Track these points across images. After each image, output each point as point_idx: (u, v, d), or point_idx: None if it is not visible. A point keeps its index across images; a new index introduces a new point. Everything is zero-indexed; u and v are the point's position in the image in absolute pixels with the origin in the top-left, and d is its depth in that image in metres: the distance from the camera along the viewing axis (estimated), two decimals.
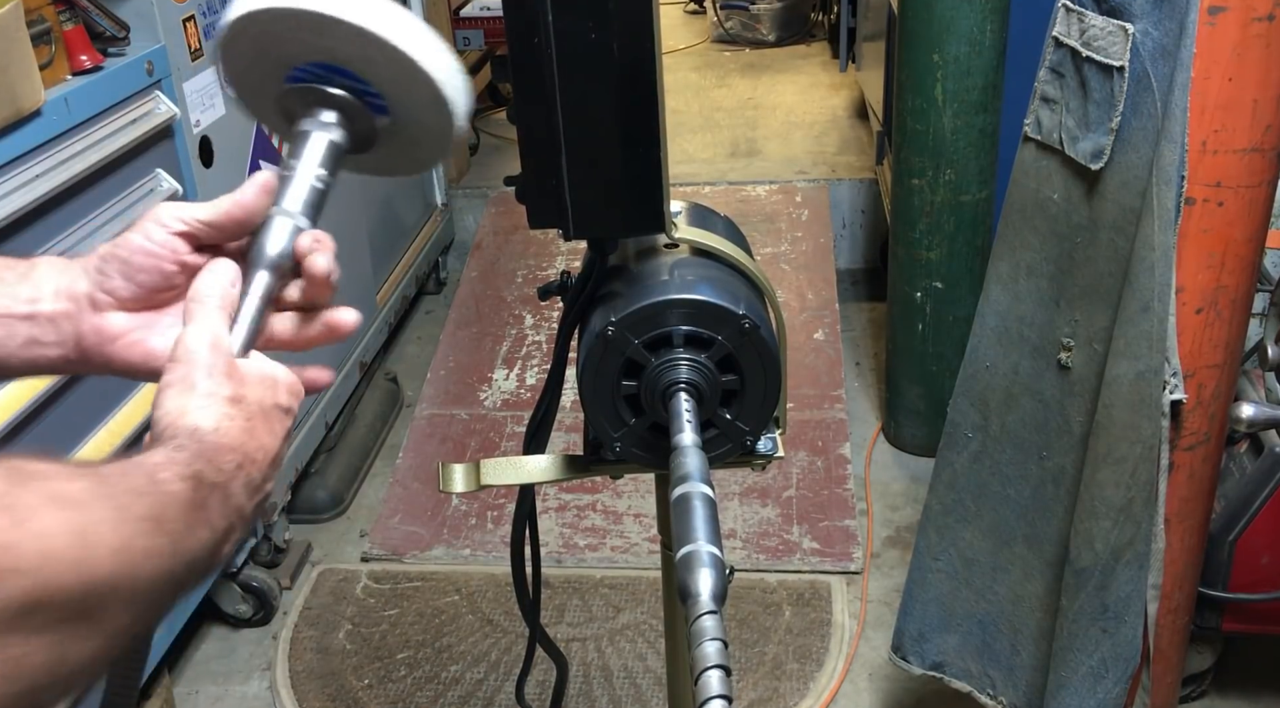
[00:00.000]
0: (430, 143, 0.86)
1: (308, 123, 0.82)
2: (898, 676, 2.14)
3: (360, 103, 0.81)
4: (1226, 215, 1.35)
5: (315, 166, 0.81)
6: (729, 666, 0.66)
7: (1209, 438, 1.46)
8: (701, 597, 0.71)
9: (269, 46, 0.81)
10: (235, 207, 0.77)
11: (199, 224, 0.76)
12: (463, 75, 0.81)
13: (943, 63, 2.44)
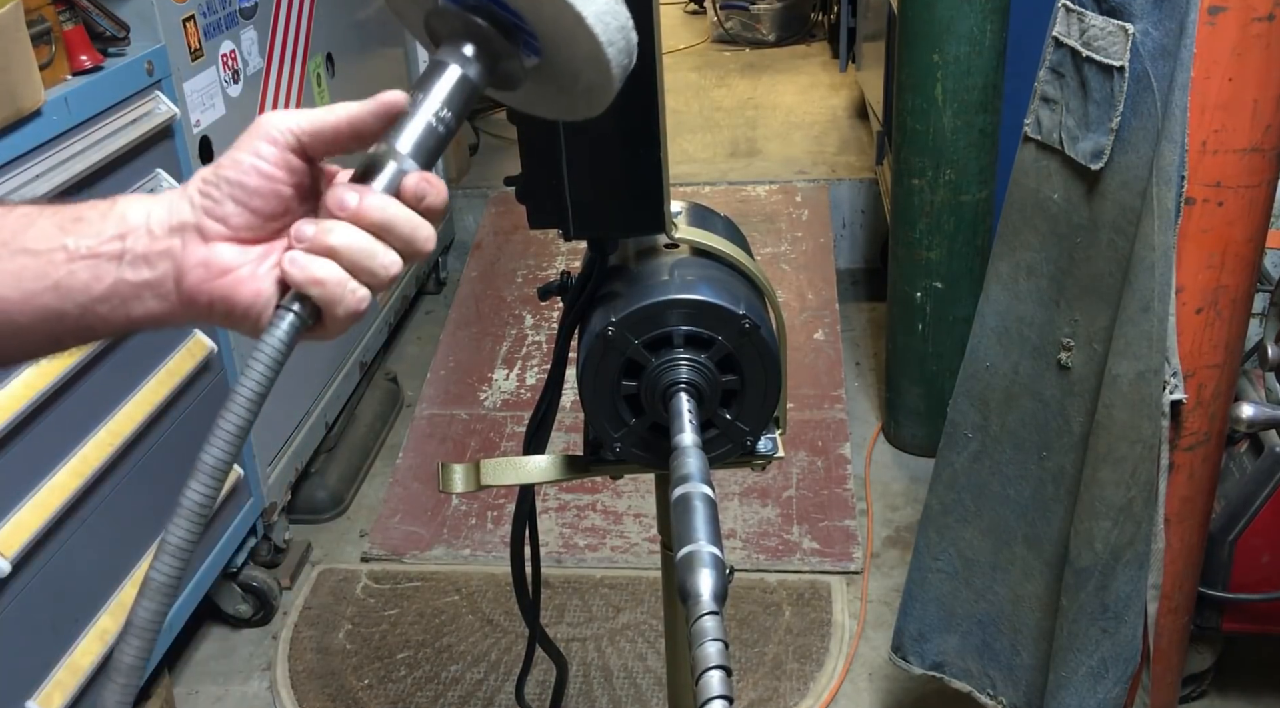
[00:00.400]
0: (580, 100, 0.78)
1: (446, 52, 0.74)
2: (898, 676, 2.14)
3: (507, 40, 0.73)
4: (1226, 215, 1.35)
5: (438, 104, 0.72)
6: (730, 666, 0.66)
7: (1209, 438, 1.46)
8: (702, 597, 0.71)
9: None
10: (348, 124, 0.70)
11: (308, 137, 0.69)
12: (630, 35, 0.73)
13: (943, 63, 2.44)
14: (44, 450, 1.73)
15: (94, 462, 1.81)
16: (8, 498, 1.66)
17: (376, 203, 0.67)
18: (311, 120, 0.69)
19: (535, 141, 1.00)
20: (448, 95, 0.73)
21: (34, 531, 1.67)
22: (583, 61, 0.73)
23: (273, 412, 2.45)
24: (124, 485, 1.91)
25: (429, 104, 0.72)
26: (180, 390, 2.04)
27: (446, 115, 0.73)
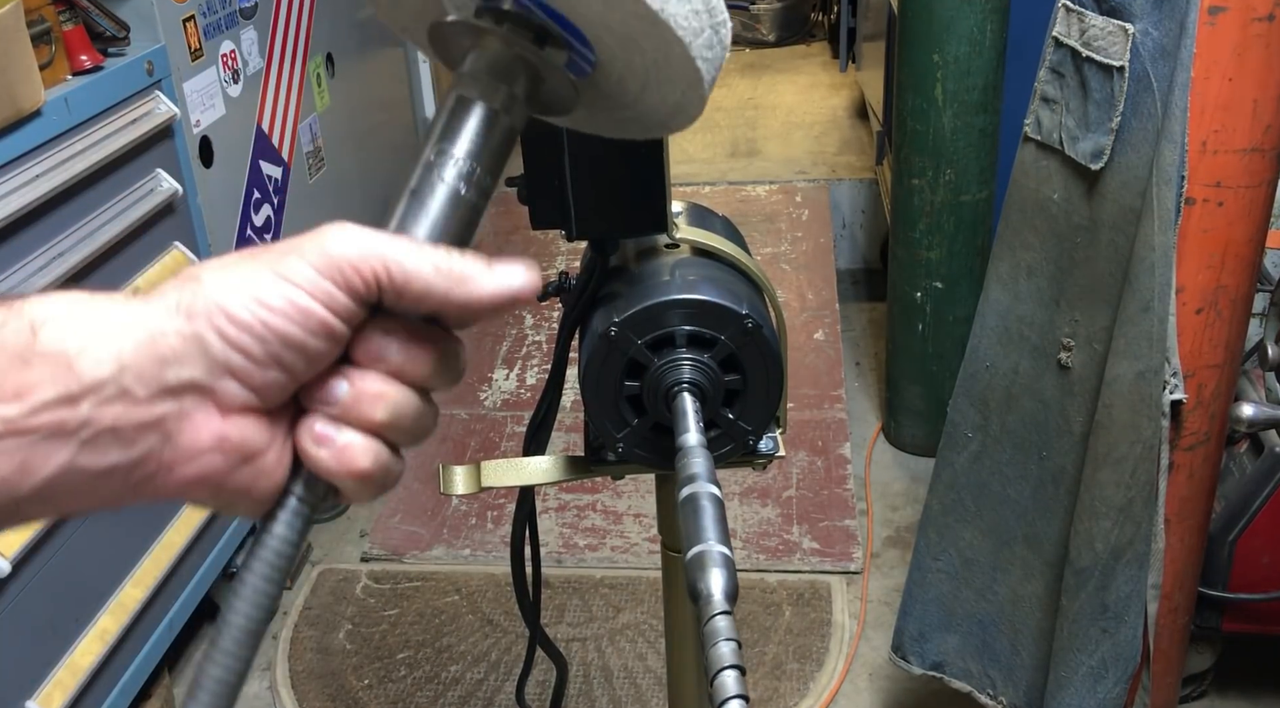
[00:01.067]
0: (655, 118, 0.62)
1: (470, 84, 0.55)
2: (898, 676, 2.14)
3: (552, 63, 0.56)
4: (1226, 215, 1.35)
5: (462, 159, 0.54)
6: (744, 666, 0.66)
7: (1209, 438, 1.46)
8: (714, 597, 0.71)
9: None
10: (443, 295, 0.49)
11: (395, 292, 0.49)
12: (720, 21, 0.56)
13: (943, 63, 2.44)
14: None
15: None
16: None
17: (424, 350, 0.50)
18: (405, 268, 0.48)
19: (537, 143, 1.00)
20: (475, 146, 0.54)
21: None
22: (656, 69, 0.57)
23: None
24: None
25: (451, 164, 0.54)
26: None
27: (480, 176, 0.54)
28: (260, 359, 0.47)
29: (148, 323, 0.45)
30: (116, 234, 1.85)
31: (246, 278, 0.46)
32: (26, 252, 1.69)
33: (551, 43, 0.57)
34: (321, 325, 0.47)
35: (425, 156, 0.54)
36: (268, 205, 2.44)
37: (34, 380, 0.43)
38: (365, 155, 3.09)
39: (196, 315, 0.46)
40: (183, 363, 0.46)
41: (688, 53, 0.54)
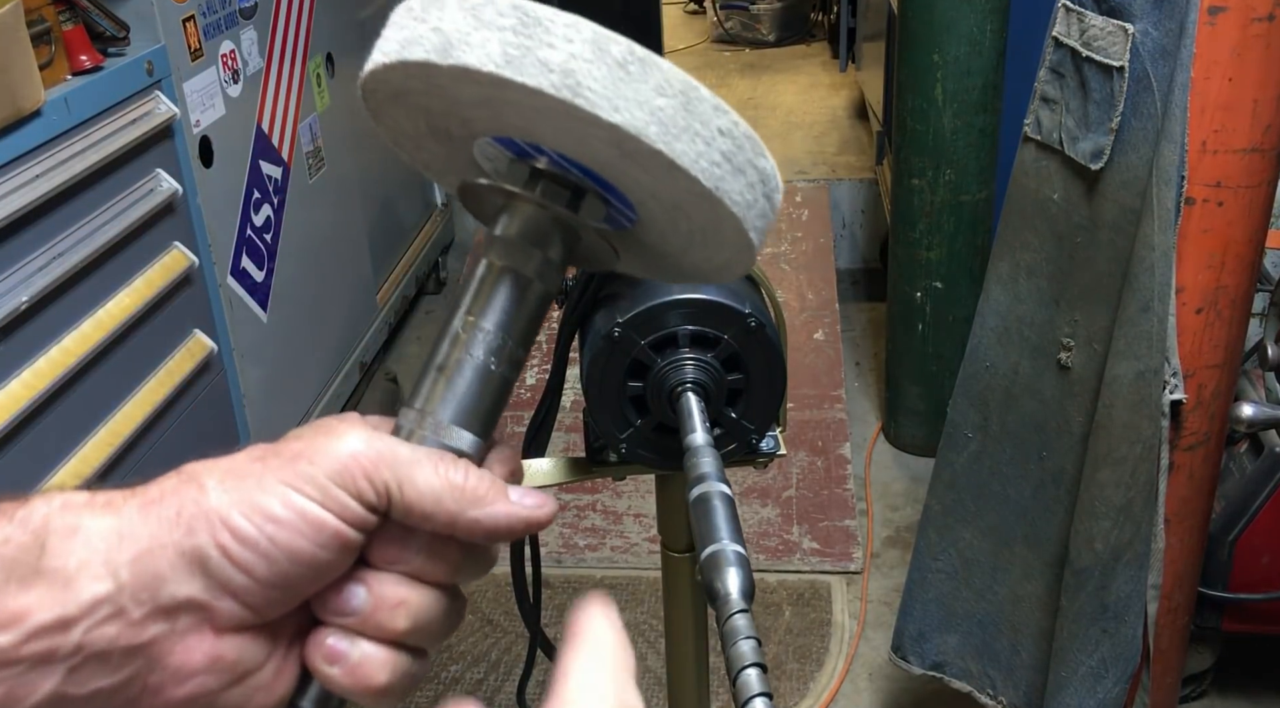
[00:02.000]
0: (698, 272, 0.59)
1: (502, 251, 0.52)
2: (897, 676, 2.14)
3: (589, 223, 0.53)
4: (1226, 215, 1.35)
5: (492, 332, 0.50)
6: (765, 663, 0.67)
7: (1209, 438, 1.46)
8: (732, 596, 0.71)
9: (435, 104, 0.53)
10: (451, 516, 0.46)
11: (404, 508, 0.45)
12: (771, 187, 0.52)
13: (943, 63, 2.44)
14: (44, 450, 1.73)
15: (94, 462, 1.81)
16: None
17: (445, 553, 0.46)
18: (416, 485, 0.45)
19: None
20: (506, 317, 0.51)
21: None
22: (703, 233, 0.54)
23: (273, 412, 2.45)
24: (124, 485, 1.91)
25: (483, 336, 0.50)
26: (180, 390, 2.04)
27: (511, 349, 0.51)
28: (265, 578, 0.43)
29: (146, 534, 0.42)
30: (116, 234, 1.85)
31: (252, 487, 0.43)
32: (26, 252, 1.69)
33: (589, 198, 0.54)
34: (334, 537, 0.43)
35: (453, 328, 0.50)
36: (267, 205, 2.44)
37: (30, 603, 0.40)
38: (365, 155, 3.09)
39: (197, 529, 0.42)
40: (180, 580, 0.42)
41: (740, 225, 0.51)
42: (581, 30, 0.47)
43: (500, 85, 0.47)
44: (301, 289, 2.60)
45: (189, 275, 2.08)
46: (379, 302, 3.15)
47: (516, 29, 0.47)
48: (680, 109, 0.47)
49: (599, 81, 0.46)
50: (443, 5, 0.49)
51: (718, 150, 0.49)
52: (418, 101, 0.53)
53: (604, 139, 0.48)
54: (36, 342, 1.71)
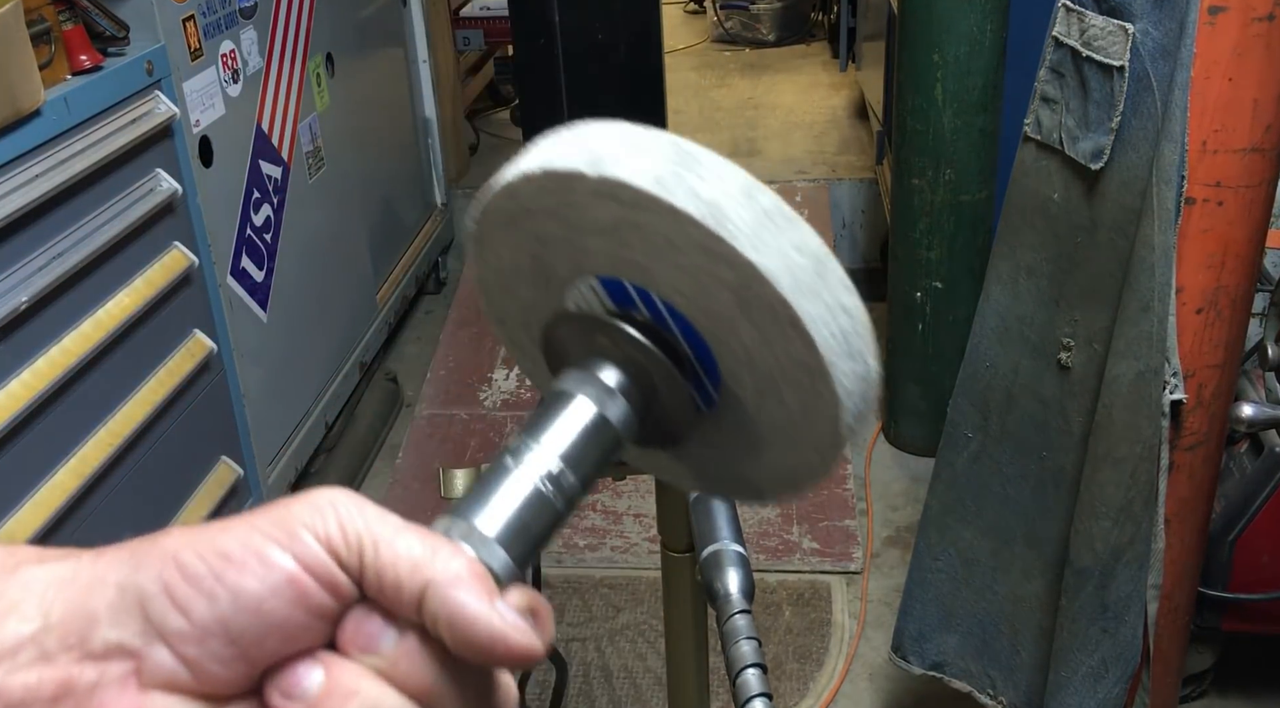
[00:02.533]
0: (754, 479, 0.55)
1: (573, 379, 0.50)
2: (898, 676, 2.14)
3: (680, 376, 0.50)
4: (1226, 215, 1.35)
5: (555, 458, 0.47)
6: (765, 664, 0.67)
7: (1209, 438, 1.46)
8: (733, 596, 0.71)
9: (553, 229, 0.50)
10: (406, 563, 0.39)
11: (376, 572, 0.39)
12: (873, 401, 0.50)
13: (943, 62, 2.44)
14: (44, 450, 1.73)
15: (94, 462, 1.80)
16: (7, 498, 1.66)
17: (426, 655, 0.39)
18: (394, 546, 0.39)
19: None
20: (571, 447, 0.47)
21: (34, 531, 1.67)
22: (789, 425, 0.51)
23: (272, 412, 2.45)
24: (124, 486, 1.91)
25: (540, 457, 0.46)
26: (180, 390, 2.04)
27: (568, 480, 0.46)
28: (204, 622, 0.37)
29: (91, 573, 0.38)
30: (116, 234, 1.85)
31: (215, 531, 0.39)
32: (25, 252, 1.69)
33: (678, 363, 0.50)
34: (290, 584, 0.38)
35: (514, 445, 0.47)
36: (267, 205, 2.44)
37: None
38: (365, 155, 3.09)
39: (145, 565, 0.38)
40: (114, 621, 0.37)
41: (837, 417, 0.48)
42: (735, 173, 0.47)
43: (644, 206, 0.46)
44: (301, 289, 2.60)
45: (189, 275, 2.08)
46: (379, 302, 3.15)
47: (671, 159, 0.47)
48: (813, 271, 0.46)
49: (745, 221, 0.46)
50: (593, 131, 0.49)
51: (839, 325, 0.47)
52: (537, 226, 0.51)
53: (729, 283, 0.46)
54: (36, 342, 1.71)
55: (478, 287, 0.57)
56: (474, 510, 0.44)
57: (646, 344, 0.49)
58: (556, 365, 0.52)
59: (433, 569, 0.39)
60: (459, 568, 0.39)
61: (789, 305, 0.46)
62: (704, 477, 0.57)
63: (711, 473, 0.56)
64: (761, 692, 0.67)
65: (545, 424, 0.47)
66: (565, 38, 0.88)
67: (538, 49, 0.90)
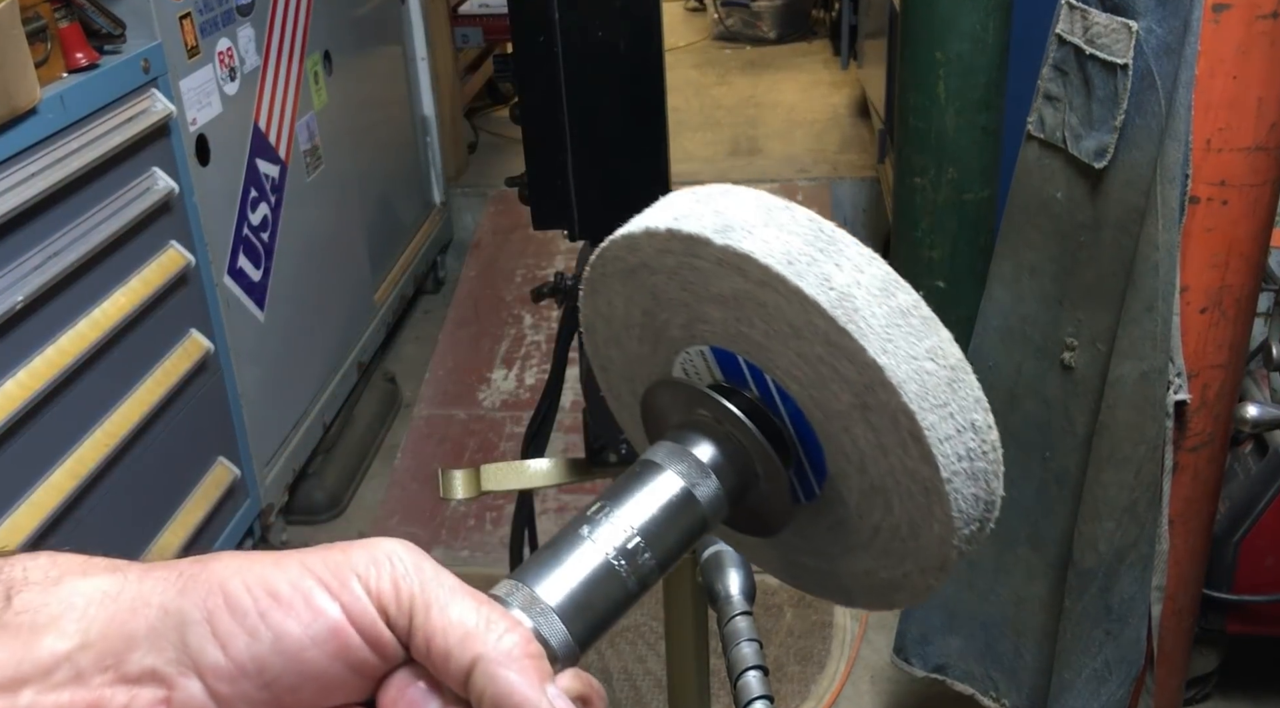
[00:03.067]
0: (849, 584, 0.52)
1: (664, 452, 0.47)
2: (900, 678, 2.13)
3: (781, 464, 0.47)
4: (1231, 214, 1.34)
5: (631, 533, 0.43)
6: (766, 666, 0.66)
7: (1213, 439, 1.45)
8: (733, 598, 0.71)
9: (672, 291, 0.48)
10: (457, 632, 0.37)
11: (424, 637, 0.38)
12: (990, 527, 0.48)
13: (945, 60, 2.43)
14: (40, 451, 1.72)
15: (90, 462, 1.79)
16: (3, 499, 1.65)
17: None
18: (446, 611, 0.37)
19: (541, 142, 0.99)
20: (651, 521, 0.44)
21: (30, 531, 1.66)
22: (893, 535, 0.48)
23: (270, 412, 2.44)
24: (120, 486, 1.90)
25: (617, 529, 0.43)
26: (177, 390, 2.03)
27: (644, 558, 0.43)
28: (241, 659, 0.36)
29: (136, 591, 0.38)
30: (112, 233, 1.84)
31: (267, 563, 0.38)
32: (22, 251, 1.68)
33: (782, 450, 0.47)
34: (333, 634, 0.37)
35: (590, 512, 0.44)
36: (264, 204, 2.43)
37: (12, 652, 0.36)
38: (363, 154, 3.08)
39: (191, 590, 0.37)
40: (152, 646, 0.37)
41: (947, 540, 0.45)
42: (874, 263, 0.44)
43: (770, 285, 0.43)
44: (299, 289, 2.59)
45: (185, 275, 2.07)
46: (377, 301, 3.14)
47: (808, 239, 0.44)
48: (946, 383, 0.44)
49: (876, 318, 0.43)
50: (730, 195, 0.46)
51: (964, 444, 0.44)
52: (655, 284, 0.49)
53: (850, 382, 0.43)
54: (32, 341, 1.70)
55: (585, 330, 0.54)
56: (538, 577, 0.41)
57: (750, 426, 0.46)
58: (653, 430, 0.49)
59: (484, 643, 0.37)
60: (511, 645, 0.37)
61: (914, 418, 0.42)
62: (792, 568, 0.54)
63: (800, 565, 0.53)
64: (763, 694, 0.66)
65: (628, 495, 0.44)
66: (565, 35, 0.88)
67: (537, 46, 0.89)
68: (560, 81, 0.95)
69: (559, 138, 0.98)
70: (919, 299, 0.45)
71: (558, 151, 0.98)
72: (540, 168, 1.00)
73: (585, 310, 0.53)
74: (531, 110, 0.99)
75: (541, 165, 1.00)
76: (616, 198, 1.01)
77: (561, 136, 0.98)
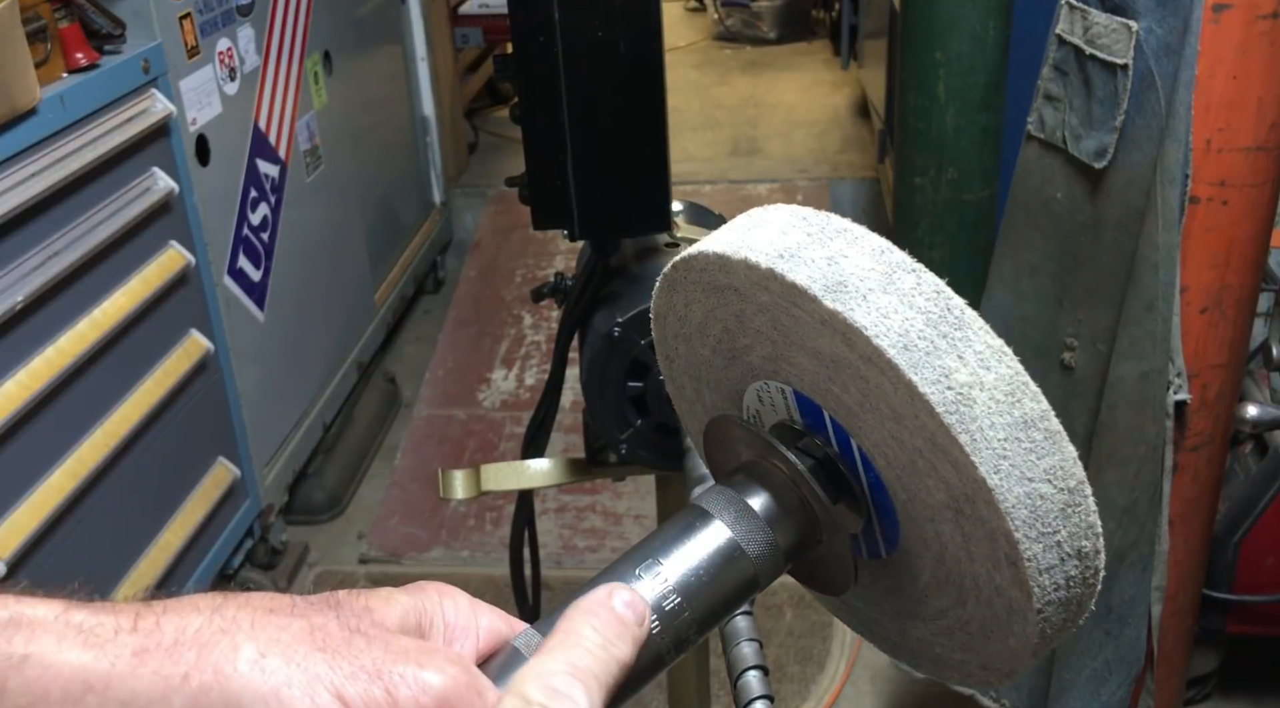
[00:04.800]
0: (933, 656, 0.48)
1: (716, 498, 0.43)
2: (899, 678, 2.13)
3: (845, 527, 0.44)
4: (1231, 214, 1.34)
5: (668, 588, 0.40)
6: (767, 666, 0.65)
7: (1213, 439, 1.45)
8: None
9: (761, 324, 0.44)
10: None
11: None
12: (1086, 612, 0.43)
13: (945, 60, 2.43)
14: (40, 451, 1.72)
15: (90, 462, 1.79)
16: (3, 499, 1.65)
17: None
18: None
19: (541, 142, 0.99)
20: (693, 577, 0.40)
21: (29, 532, 1.66)
22: (977, 619, 0.43)
23: (270, 413, 2.44)
24: (121, 486, 1.90)
25: (653, 583, 0.40)
26: (177, 390, 2.03)
27: (682, 616, 0.40)
28: None
29: (129, 694, 0.34)
30: (112, 233, 1.84)
31: (297, 675, 0.34)
32: (21, 251, 1.68)
33: (848, 501, 0.44)
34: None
35: (633, 559, 0.40)
36: (264, 204, 2.43)
37: None
38: (363, 154, 3.07)
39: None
40: None
41: (1023, 653, 0.41)
42: (1004, 362, 0.38)
43: (877, 366, 0.38)
44: (299, 289, 2.59)
45: (185, 275, 2.07)
46: (377, 301, 3.14)
47: (932, 319, 0.38)
48: (1060, 508, 0.39)
49: (995, 429, 0.38)
50: (848, 238, 0.41)
51: (1065, 573, 0.39)
52: (743, 309, 0.44)
53: (949, 484, 0.39)
54: (32, 341, 1.70)
55: (655, 318, 0.50)
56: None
57: (817, 488, 0.42)
58: (714, 462, 0.45)
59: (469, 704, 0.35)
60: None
61: (1016, 546, 0.38)
62: (847, 609, 0.51)
63: (855, 609, 0.50)
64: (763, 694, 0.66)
65: (674, 548, 0.40)
66: (565, 35, 0.88)
67: (537, 46, 0.89)
68: (560, 82, 0.95)
69: (559, 138, 0.98)
70: (1048, 409, 0.39)
71: (558, 152, 0.98)
72: (540, 168, 1.00)
73: (659, 301, 0.49)
74: (531, 110, 0.99)
75: (541, 165, 1.00)
76: (616, 198, 1.01)
77: (561, 137, 0.98)
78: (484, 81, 4.43)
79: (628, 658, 0.37)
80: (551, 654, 0.36)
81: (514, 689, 0.35)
